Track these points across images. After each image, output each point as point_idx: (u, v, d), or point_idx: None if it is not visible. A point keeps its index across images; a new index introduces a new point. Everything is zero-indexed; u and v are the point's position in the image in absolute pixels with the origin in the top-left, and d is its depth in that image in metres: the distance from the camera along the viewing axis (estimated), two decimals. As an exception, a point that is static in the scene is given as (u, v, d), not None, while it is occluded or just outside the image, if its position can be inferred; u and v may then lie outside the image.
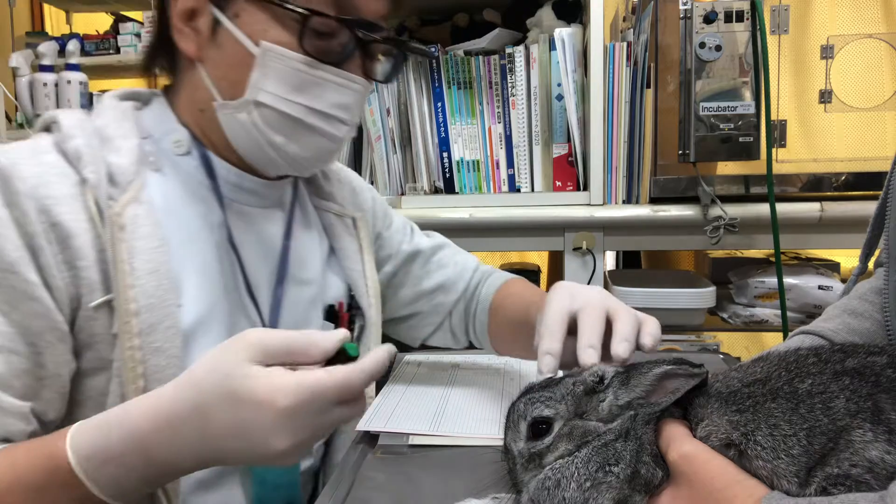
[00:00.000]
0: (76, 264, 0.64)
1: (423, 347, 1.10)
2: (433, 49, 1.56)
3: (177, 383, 0.55)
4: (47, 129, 0.72)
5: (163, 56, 0.78)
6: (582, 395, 0.55)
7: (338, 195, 0.91)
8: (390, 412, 0.87)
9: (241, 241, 0.76)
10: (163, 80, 0.81)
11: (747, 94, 1.35)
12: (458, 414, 0.86)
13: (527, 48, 1.53)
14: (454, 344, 1.05)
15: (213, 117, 0.73)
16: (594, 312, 0.69)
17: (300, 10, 0.67)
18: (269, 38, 0.68)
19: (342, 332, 0.57)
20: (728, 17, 1.35)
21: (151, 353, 0.65)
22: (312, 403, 0.52)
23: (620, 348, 0.66)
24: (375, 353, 0.57)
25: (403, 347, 1.12)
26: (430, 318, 1.02)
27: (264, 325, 0.76)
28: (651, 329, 0.71)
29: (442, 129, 1.58)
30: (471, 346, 1.05)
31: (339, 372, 0.54)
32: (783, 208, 1.38)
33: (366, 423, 0.83)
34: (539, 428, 0.55)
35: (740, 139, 1.35)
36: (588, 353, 0.65)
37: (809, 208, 1.40)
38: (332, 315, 0.85)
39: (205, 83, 0.72)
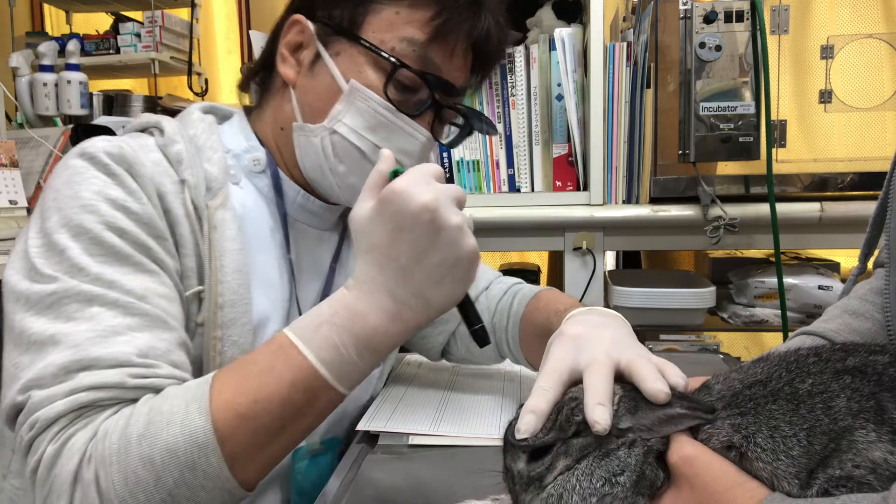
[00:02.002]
0: (181, 251, 0.71)
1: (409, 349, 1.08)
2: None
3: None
4: (143, 129, 0.79)
5: (262, 76, 0.87)
6: (582, 421, 0.54)
7: None
8: (390, 412, 0.87)
9: (299, 257, 0.84)
10: (162, 84, 0.85)
11: (747, 94, 1.35)
12: (458, 414, 0.86)
13: (527, 48, 1.52)
14: (480, 359, 1.01)
15: (290, 137, 0.81)
16: (602, 369, 0.57)
17: (393, 59, 0.75)
18: (360, 79, 0.76)
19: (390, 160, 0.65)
20: (728, 17, 1.35)
21: (230, 345, 0.72)
22: (418, 182, 0.60)
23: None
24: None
25: (403, 348, 1.12)
26: (438, 329, 0.98)
27: None
28: (674, 372, 0.57)
29: (442, 129, 1.57)
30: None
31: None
32: (783, 208, 1.38)
33: (366, 424, 0.83)
34: (537, 451, 0.54)
35: (740, 139, 1.35)
36: (599, 412, 0.52)
37: (809, 208, 1.40)
38: None
39: (291, 105, 0.80)
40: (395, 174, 0.63)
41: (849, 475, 0.42)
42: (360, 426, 0.82)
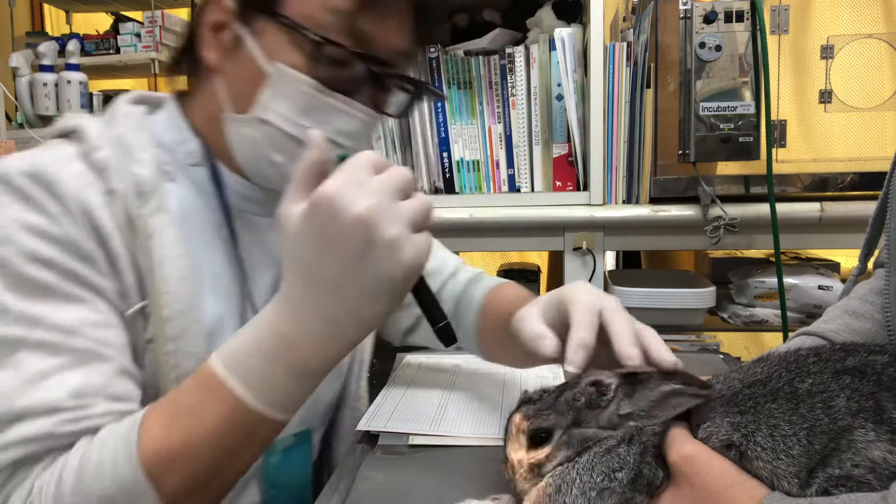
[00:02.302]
0: (117, 268, 0.66)
1: (409, 349, 1.09)
2: (433, 50, 1.55)
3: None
4: (64, 135, 0.73)
5: (188, 61, 0.79)
6: (583, 407, 0.55)
7: None
8: (390, 412, 0.87)
9: (248, 251, 0.78)
10: (162, 84, 0.83)
11: (747, 94, 1.35)
12: (459, 414, 0.86)
13: (527, 48, 1.52)
14: (433, 345, 1.01)
15: (221, 129, 0.74)
16: (625, 315, 0.66)
17: (314, 37, 0.68)
18: (284, 60, 0.69)
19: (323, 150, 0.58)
20: (728, 17, 1.34)
21: (183, 356, 0.67)
22: (351, 183, 0.54)
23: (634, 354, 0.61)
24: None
25: (404, 348, 1.12)
26: (407, 310, 0.96)
27: None
28: (657, 344, 0.66)
29: (442, 129, 1.57)
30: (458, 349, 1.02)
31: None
32: (783, 208, 1.38)
33: (366, 423, 0.83)
34: (538, 438, 0.55)
35: (740, 139, 1.35)
36: (634, 351, 0.61)
37: (809, 208, 1.40)
38: None
39: (220, 94, 0.73)
40: (342, 159, 0.57)
41: (848, 474, 0.42)
42: (361, 426, 0.83)
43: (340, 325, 0.56)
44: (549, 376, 1.01)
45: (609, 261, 2.12)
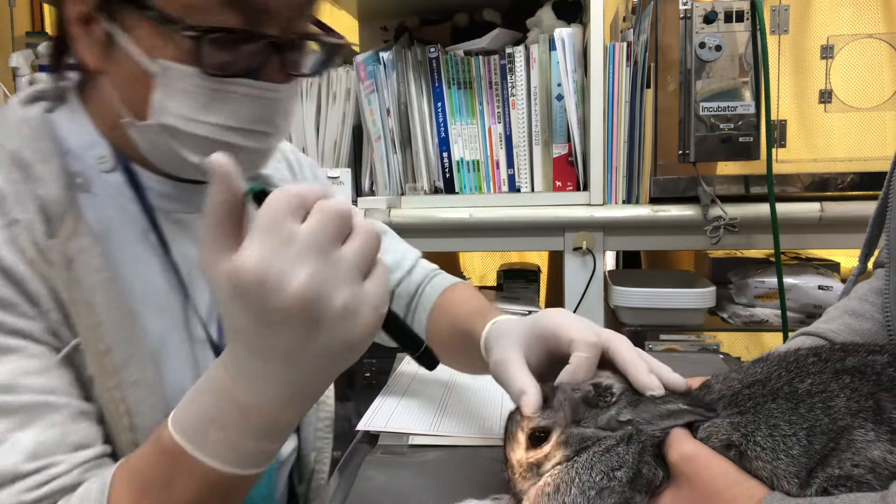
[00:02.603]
0: (40, 308, 0.59)
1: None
2: (433, 49, 1.55)
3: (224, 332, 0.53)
4: None
5: (71, 60, 0.68)
6: (580, 404, 0.55)
7: (276, 176, 0.84)
8: (390, 412, 0.87)
9: (183, 252, 0.71)
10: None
11: (747, 94, 1.35)
12: (458, 414, 0.86)
13: (527, 48, 1.52)
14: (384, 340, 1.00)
15: (126, 134, 0.66)
16: (626, 342, 0.62)
17: (187, 28, 0.58)
18: (167, 55, 0.59)
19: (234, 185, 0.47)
20: (728, 17, 1.35)
21: (130, 387, 0.61)
22: (277, 232, 0.45)
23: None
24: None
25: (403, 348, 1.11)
26: None
27: (208, 335, 0.71)
28: (667, 372, 0.61)
29: (442, 129, 1.58)
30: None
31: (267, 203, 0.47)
32: (783, 208, 1.38)
33: (366, 423, 0.83)
34: (537, 437, 0.55)
35: (740, 139, 1.35)
36: (653, 379, 0.56)
37: (809, 208, 1.40)
38: None
39: (112, 97, 0.64)
40: (259, 194, 0.47)
41: (848, 474, 0.42)
42: (360, 426, 0.82)
43: (304, 387, 0.51)
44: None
45: (609, 261, 2.12)
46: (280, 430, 0.53)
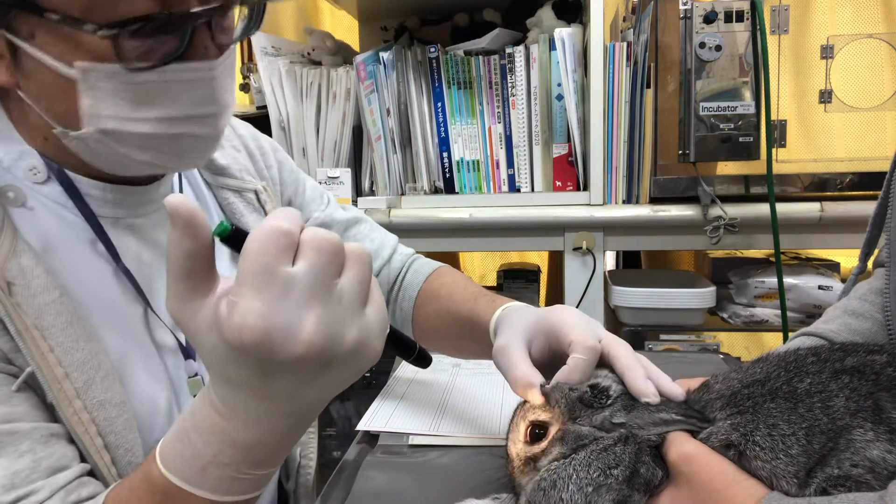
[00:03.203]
0: None
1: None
2: (433, 49, 1.55)
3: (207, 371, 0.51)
4: None
5: None
6: (576, 403, 0.55)
7: (234, 167, 0.81)
8: (390, 412, 0.87)
9: (135, 258, 0.68)
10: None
11: (747, 94, 1.35)
12: (458, 414, 0.86)
13: (527, 48, 1.53)
14: None
15: (62, 143, 0.61)
16: (626, 346, 0.61)
17: (91, 27, 0.53)
18: (84, 57, 0.54)
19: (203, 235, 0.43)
20: (728, 17, 1.35)
21: (96, 407, 0.58)
22: (270, 277, 0.42)
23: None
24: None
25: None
26: None
27: (177, 340, 0.69)
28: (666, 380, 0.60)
29: (442, 129, 1.58)
30: None
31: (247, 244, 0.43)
32: (783, 208, 1.38)
33: (366, 424, 0.83)
34: (536, 432, 0.55)
35: (740, 139, 1.35)
36: (649, 386, 0.56)
37: (809, 208, 1.40)
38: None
39: (35, 112, 0.60)
40: (223, 236, 0.44)
41: (847, 474, 0.42)
42: (360, 426, 0.82)
43: (303, 417, 0.49)
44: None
45: (609, 261, 2.12)
46: (281, 455, 0.52)
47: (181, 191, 0.76)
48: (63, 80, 0.55)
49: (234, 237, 0.44)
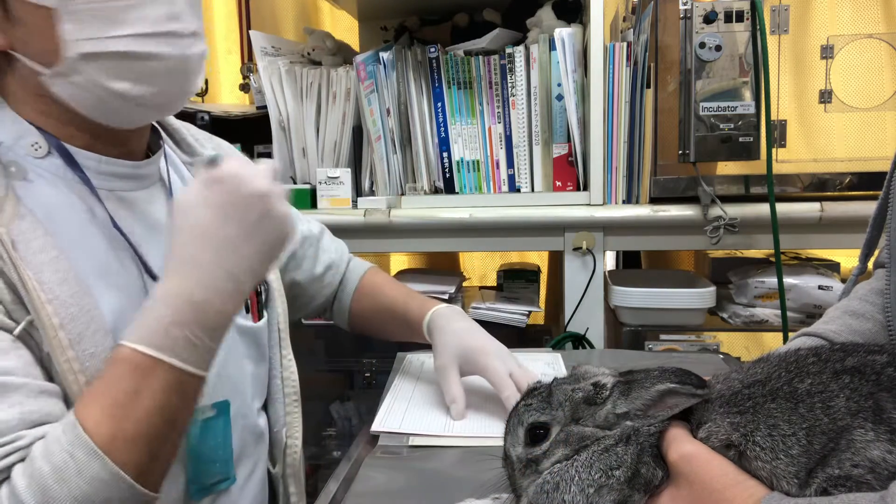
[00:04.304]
0: None
1: (409, 349, 1.13)
2: (433, 49, 1.55)
3: (170, 247, 0.65)
4: None
5: None
6: (580, 402, 0.55)
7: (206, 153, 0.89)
8: (402, 412, 0.87)
9: (131, 229, 0.74)
10: None
11: (747, 94, 1.35)
12: (469, 413, 0.86)
13: (527, 48, 1.52)
14: (312, 316, 1.17)
15: (50, 99, 0.69)
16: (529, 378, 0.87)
17: None
18: None
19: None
20: (728, 17, 1.34)
21: (87, 358, 0.65)
22: (241, 169, 0.66)
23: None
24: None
25: (406, 347, 1.12)
26: (317, 299, 1.10)
27: None
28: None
29: (442, 129, 1.57)
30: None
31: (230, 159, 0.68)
32: (783, 208, 1.38)
33: (380, 424, 0.83)
34: (536, 434, 0.55)
35: (740, 139, 1.35)
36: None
37: (809, 208, 1.40)
38: None
39: (25, 66, 0.67)
40: (213, 161, 0.65)
41: (847, 474, 0.42)
42: (375, 427, 0.83)
43: (241, 281, 0.65)
44: (550, 373, 1.01)
45: (609, 261, 2.12)
46: (222, 326, 0.65)
47: (168, 171, 0.83)
48: (44, 14, 0.64)
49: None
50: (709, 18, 1.34)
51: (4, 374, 0.60)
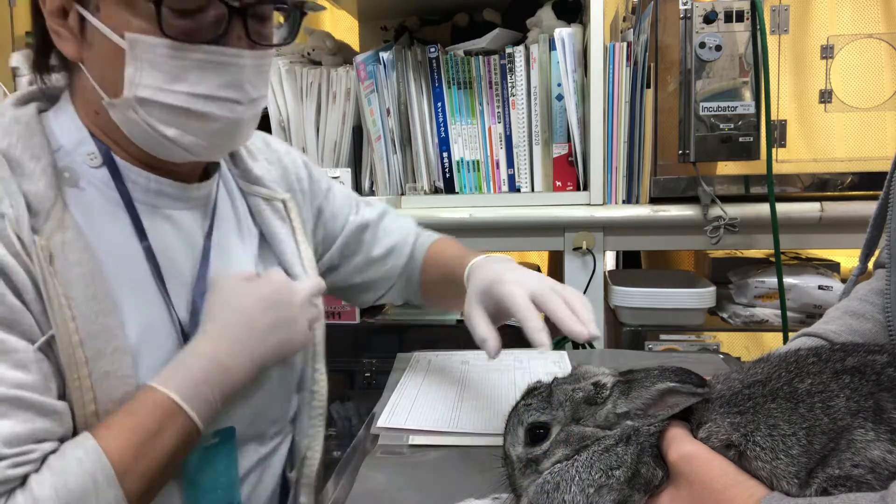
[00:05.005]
0: (24, 297, 0.62)
1: (409, 349, 1.12)
2: (433, 49, 1.55)
3: (208, 317, 0.72)
4: None
5: (55, 59, 0.73)
6: (580, 402, 0.55)
7: (266, 178, 0.90)
8: (396, 410, 0.87)
9: (168, 246, 0.75)
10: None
11: (747, 94, 1.35)
12: (475, 410, 0.86)
13: (527, 48, 1.52)
14: (395, 301, 1.14)
15: (110, 118, 0.70)
16: (554, 294, 0.80)
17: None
18: (133, 29, 0.65)
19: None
20: (728, 17, 1.34)
21: (100, 377, 0.65)
22: (287, 283, 0.78)
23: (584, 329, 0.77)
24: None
25: (408, 347, 1.12)
26: (382, 283, 1.07)
27: (183, 330, 0.74)
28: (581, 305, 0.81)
29: (442, 129, 1.57)
30: (407, 304, 1.19)
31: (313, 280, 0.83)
32: (783, 208, 1.38)
33: (386, 421, 0.83)
34: (536, 433, 0.55)
35: (740, 139, 1.35)
36: (575, 324, 0.77)
37: (809, 208, 1.40)
38: None
39: (91, 84, 0.69)
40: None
41: (847, 474, 0.42)
42: (381, 423, 0.83)
43: (255, 363, 0.72)
44: (557, 372, 1.01)
45: (609, 261, 2.12)
46: (232, 396, 0.71)
47: (217, 202, 0.83)
48: (115, 50, 0.66)
49: None
50: (709, 18, 1.34)
51: (23, 388, 0.61)
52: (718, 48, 1.34)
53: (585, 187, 1.51)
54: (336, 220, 1.02)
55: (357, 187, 1.62)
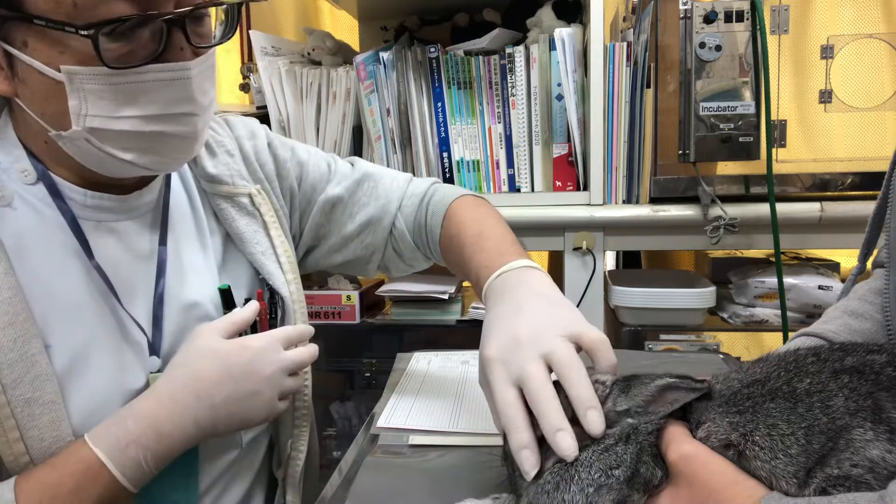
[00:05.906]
0: None
1: (409, 349, 1.09)
2: (433, 49, 1.55)
3: (165, 374, 0.69)
4: None
5: None
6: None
7: (225, 174, 0.85)
8: (397, 410, 0.87)
9: (118, 260, 0.73)
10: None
11: (747, 94, 1.35)
12: (476, 409, 0.86)
13: (527, 48, 1.52)
14: (410, 265, 1.01)
15: (59, 146, 0.68)
16: (542, 383, 0.56)
17: (73, 28, 0.59)
18: (68, 61, 0.61)
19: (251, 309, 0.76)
20: (728, 17, 1.34)
21: (22, 404, 0.63)
22: (266, 351, 0.72)
23: (592, 421, 0.53)
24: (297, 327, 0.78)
25: (408, 347, 1.12)
26: (369, 258, 0.98)
27: (149, 341, 0.73)
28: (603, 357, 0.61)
29: (442, 129, 1.58)
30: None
31: (277, 330, 0.75)
32: (783, 208, 1.38)
33: (386, 421, 0.83)
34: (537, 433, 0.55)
35: (740, 139, 1.35)
36: (563, 439, 0.52)
37: (809, 208, 1.40)
38: (229, 301, 0.80)
39: (32, 117, 0.66)
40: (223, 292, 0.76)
41: (846, 474, 0.42)
42: (381, 423, 0.83)
43: (203, 432, 0.68)
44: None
45: (609, 261, 2.12)
46: (170, 459, 0.68)
47: (168, 198, 0.80)
48: (53, 84, 0.62)
49: (226, 294, 0.80)
50: (709, 18, 1.34)
51: None
52: (718, 48, 1.34)
53: (585, 187, 1.51)
54: (307, 201, 0.95)
55: (357, 187, 1.62)
